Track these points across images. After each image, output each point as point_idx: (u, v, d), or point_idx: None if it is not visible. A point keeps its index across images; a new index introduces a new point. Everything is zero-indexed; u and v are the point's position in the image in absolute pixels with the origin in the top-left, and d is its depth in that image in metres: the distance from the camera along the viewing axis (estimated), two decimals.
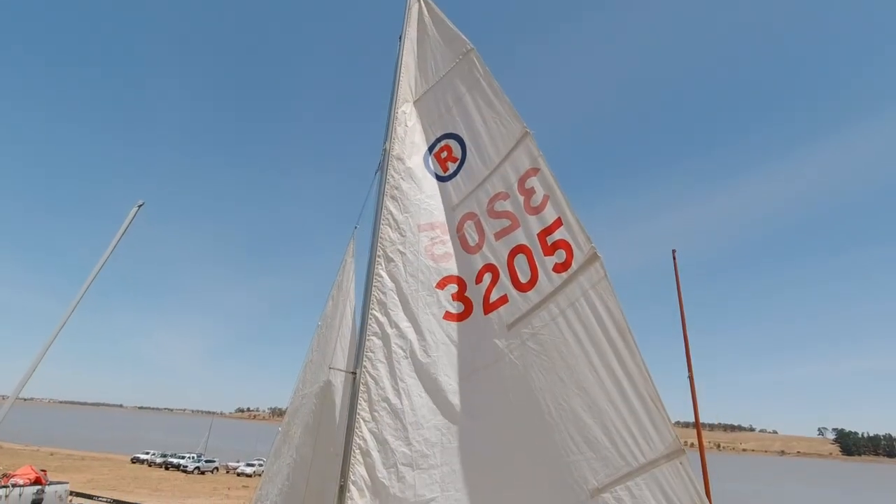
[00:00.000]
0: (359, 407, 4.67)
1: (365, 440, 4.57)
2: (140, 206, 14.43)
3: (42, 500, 10.48)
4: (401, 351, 4.79)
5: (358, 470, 4.54)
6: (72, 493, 12.29)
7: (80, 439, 78.40)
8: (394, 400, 4.65)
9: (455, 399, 4.60)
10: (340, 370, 4.99)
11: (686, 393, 10.48)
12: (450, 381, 4.65)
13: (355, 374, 4.77)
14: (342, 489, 4.51)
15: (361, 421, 4.63)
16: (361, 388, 4.71)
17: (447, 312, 4.85)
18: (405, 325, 4.85)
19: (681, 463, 3.43)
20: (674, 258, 11.03)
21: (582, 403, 3.89)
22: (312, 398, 5.22)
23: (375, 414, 4.63)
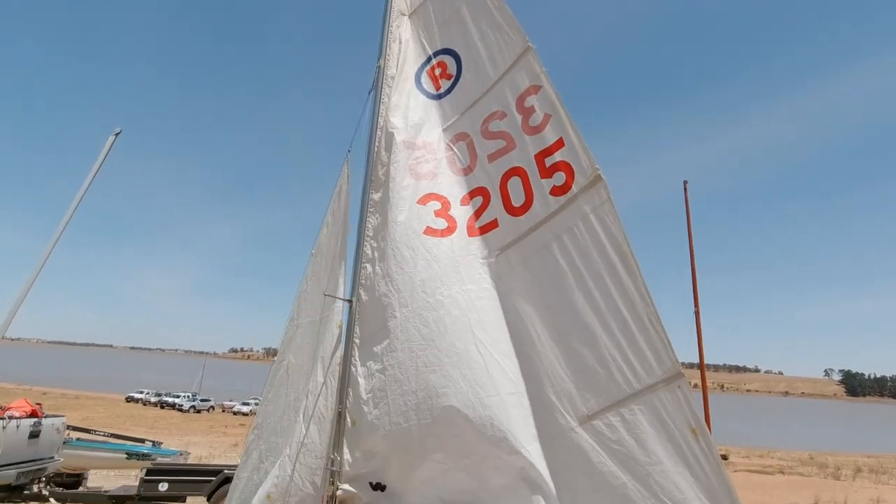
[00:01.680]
0: (355, 335, 4.82)
1: (362, 367, 4.75)
2: (117, 133, 14.28)
3: (39, 432, 10.99)
4: (389, 275, 4.84)
5: (355, 397, 4.74)
6: (69, 427, 12.87)
7: (72, 379, 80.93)
8: (389, 325, 4.78)
9: (432, 321, 4.54)
10: (336, 297, 5.10)
11: (690, 332, 10.78)
12: (427, 300, 4.56)
13: (351, 301, 4.90)
14: (339, 416, 4.74)
15: (357, 349, 4.80)
16: (357, 315, 4.85)
17: (428, 227, 4.77)
18: (394, 248, 4.87)
19: (679, 387, 3.54)
20: (685, 189, 11.16)
21: (575, 331, 3.95)
22: (307, 327, 5.37)
23: (371, 341, 4.78)
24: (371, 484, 4.66)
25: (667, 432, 3.48)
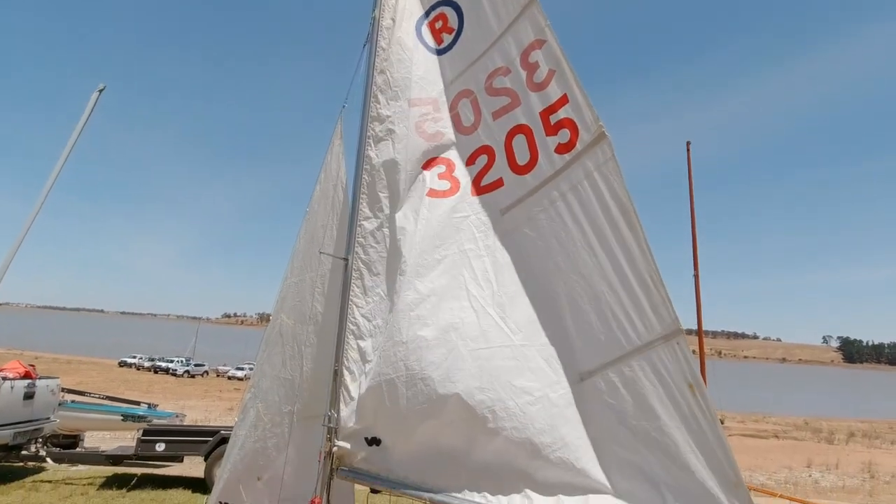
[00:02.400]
0: (351, 293, 4.86)
1: (358, 325, 4.80)
2: (101, 90, 14.02)
3: (34, 393, 11.15)
4: (390, 234, 4.87)
5: (351, 355, 4.81)
6: (63, 389, 13.05)
7: (64, 344, 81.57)
8: (387, 285, 4.82)
9: (438, 281, 4.62)
10: (331, 255, 5.12)
11: (689, 298, 10.89)
12: (433, 261, 4.64)
13: (347, 260, 4.92)
14: (336, 374, 4.82)
15: (354, 307, 4.84)
16: (354, 274, 4.88)
17: (431, 189, 4.79)
18: (393, 207, 4.90)
19: (678, 343, 3.61)
20: (688, 150, 11.14)
21: (578, 289, 4.01)
22: (302, 285, 5.42)
23: (368, 299, 4.82)
24: (367, 439, 4.78)
25: (665, 388, 3.56)
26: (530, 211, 4.36)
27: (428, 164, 4.93)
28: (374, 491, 5.76)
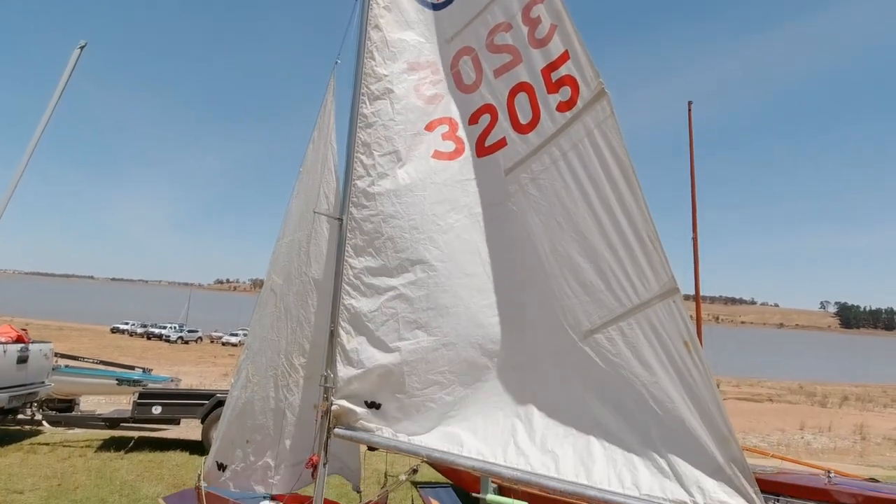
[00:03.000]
0: (346, 253, 4.90)
1: (353, 286, 4.85)
2: (82, 47, 13.73)
3: (27, 357, 11.26)
4: (386, 194, 4.89)
5: (347, 315, 4.87)
6: (56, 354, 13.18)
7: (54, 311, 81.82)
8: (382, 244, 4.86)
9: (448, 246, 4.78)
10: (325, 215, 5.14)
11: (687, 263, 10.98)
12: (437, 223, 4.74)
13: (341, 220, 4.94)
14: (332, 333, 4.90)
15: (349, 268, 4.89)
16: (348, 234, 4.90)
17: (436, 151, 4.85)
18: (391, 167, 4.91)
19: (674, 301, 3.69)
20: (689, 110, 11.08)
21: (579, 248, 4.09)
22: (296, 245, 5.45)
23: (363, 259, 4.87)
24: (366, 402, 4.89)
25: (661, 345, 3.65)
26: (533, 170, 4.39)
27: (430, 126, 4.95)
28: (371, 448, 5.93)
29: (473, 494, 7.84)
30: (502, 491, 7.64)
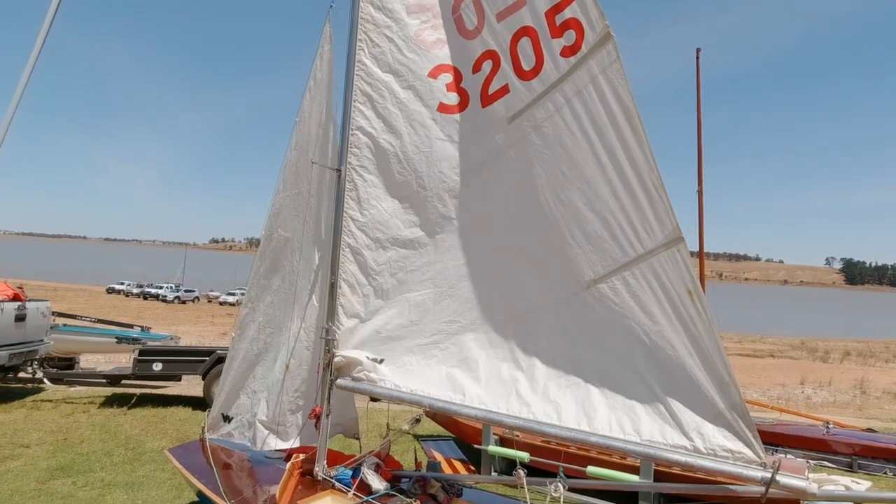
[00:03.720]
0: (346, 206, 4.92)
1: (354, 238, 4.90)
2: None
3: (25, 315, 11.40)
4: (389, 147, 4.90)
5: (349, 268, 4.94)
6: (54, 313, 13.33)
7: (47, 271, 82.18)
8: (383, 198, 4.88)
9: (449, 199, 4.83)
10: (323, 166, 5.13)
11: (691, 218, 10.98)
12: (444, 180, 4.83)
13: (339, 171, 4.94)
14: (333, 286, 4.97)
15: (350, 220, 4.92)
16: (348, 185, 4.91)
17: (441, 104, 4.84)
18: (394, 118, 4.89)
19: (678, 250, 3.73)
20: (697, 57, 10.94)
21: (583, 197, 4.10)
22: (295, 199, 5.46)
23: (365, 212, 4.89)
24: (368, 354, 5.00)
25: (665, 294, 3.71)
26: (536, 118, 4.36)
27: (434, 73, 4.90)
28: (373, 399, 6.08)
29: (475, 446, 8.11)
30: (503, 443, 7.90)
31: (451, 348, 4.66)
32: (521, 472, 4.23)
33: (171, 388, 13.29)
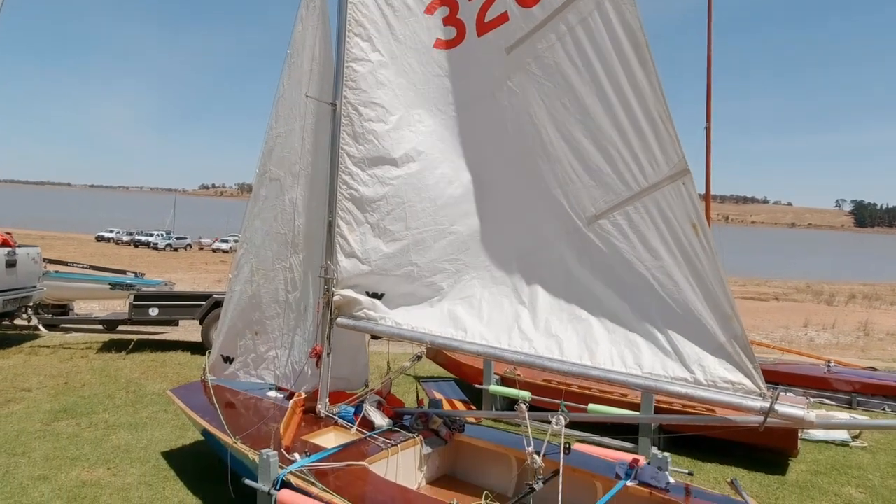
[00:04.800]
0: (342, 141, 4.91)
1: (352, 175, 4.92)
2: None
3: (16, 261, 11.51)
4: (387, 81, 4.85)
5: (346, 205, 4.98)
6: (45, 259, 13.43)
7: (32, 220, 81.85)
8: (381, 133, 4.87)
9: (448, 134, 4.83)
10: (318, 100, 5.09)
11: (697, 158, 10.92)
12: (442, 115, 4.82)
13: (335, 105, 4.90)
14: (330, 224, 5.02)
15: (346, 156, 4.92)
16: (343, 120, 4.89)
17: (438, 40, 4.79)
18: (390, 52, 4.83)
19: (683, 183, 3.75)
20: None
21: (585, 130, 4.08)
22: (290, 135, 5.44)
23: (361, 148, 4.89)
24: (368, 292, 5.11)
25: (669, 228, 3.75)
26: (536, 47, 4.29)
27: (430, 9, 4.82)
28: (374, 337, 6.25)
29: (476, 386, 8.36)
30: (504, 382, 8.14)
31: (453, 285, 4.76)
32: (524, 406, 4.39)
33: (169, 334, 13.55)
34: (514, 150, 4.49)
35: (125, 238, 64.43)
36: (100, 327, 13.77)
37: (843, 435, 7.65)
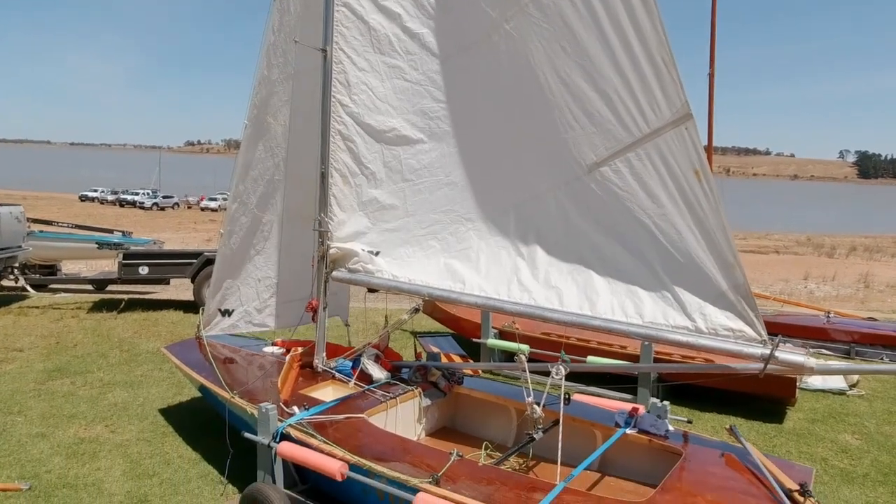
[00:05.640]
0: (334, 90, 4.84)
1: (346, 125, 4.87)
2: None
3: None
4: (379, 27, 4.75)
5: (340, 157, 4.95)
6: (29, 219, 13.35)
7: (11, 179, 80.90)
8: (374, 82, 4.80)
9: (443, 81, 4.75)
10: (307, 46, 4.99)
11: (700, 104, 10.79)
12: (437, 61, 4.73)
13: (325, 51, 4.81)
14: (323, 176, 4.99)
15: (339, 105, 4.86)
16: (335, 67, 4.81)
17: None
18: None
19: (686, 128, 3.73)
20: None
21: (585, 74, 4.02)
22: (280, 83, 5.36)
23: (355, 97, 4.83)
24: (364, 245, 5.12)
25: (671, 175, 3.75)
26: None
27: None
28: (371, 290, 6.30)
29: (474, 340, 8.48)
30: (503, 336, 8.26)
31: (450, 238, 4.77)
32: (523, 357, 4.47)
33: (160, 293, 13.60)
34: (511, 96, 4.44)
35: (110, 197, 63.86)
36: (89, 287, 13.81)
37: (840, 384, 7.84)
